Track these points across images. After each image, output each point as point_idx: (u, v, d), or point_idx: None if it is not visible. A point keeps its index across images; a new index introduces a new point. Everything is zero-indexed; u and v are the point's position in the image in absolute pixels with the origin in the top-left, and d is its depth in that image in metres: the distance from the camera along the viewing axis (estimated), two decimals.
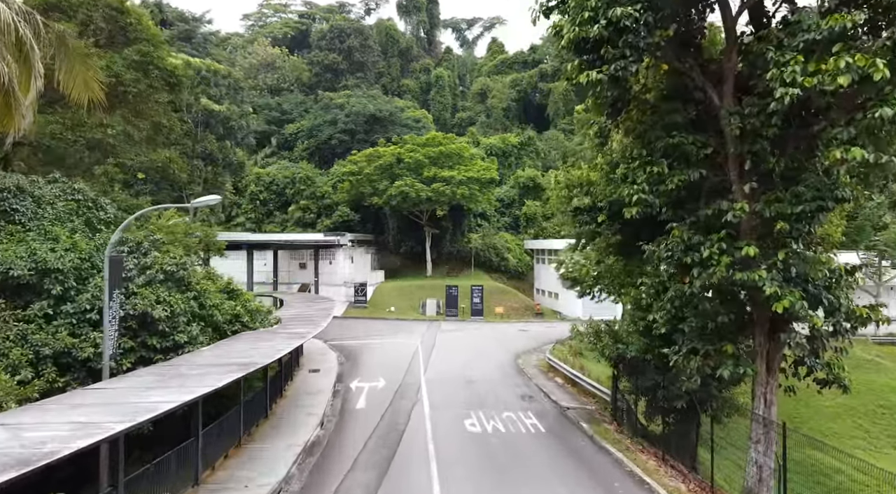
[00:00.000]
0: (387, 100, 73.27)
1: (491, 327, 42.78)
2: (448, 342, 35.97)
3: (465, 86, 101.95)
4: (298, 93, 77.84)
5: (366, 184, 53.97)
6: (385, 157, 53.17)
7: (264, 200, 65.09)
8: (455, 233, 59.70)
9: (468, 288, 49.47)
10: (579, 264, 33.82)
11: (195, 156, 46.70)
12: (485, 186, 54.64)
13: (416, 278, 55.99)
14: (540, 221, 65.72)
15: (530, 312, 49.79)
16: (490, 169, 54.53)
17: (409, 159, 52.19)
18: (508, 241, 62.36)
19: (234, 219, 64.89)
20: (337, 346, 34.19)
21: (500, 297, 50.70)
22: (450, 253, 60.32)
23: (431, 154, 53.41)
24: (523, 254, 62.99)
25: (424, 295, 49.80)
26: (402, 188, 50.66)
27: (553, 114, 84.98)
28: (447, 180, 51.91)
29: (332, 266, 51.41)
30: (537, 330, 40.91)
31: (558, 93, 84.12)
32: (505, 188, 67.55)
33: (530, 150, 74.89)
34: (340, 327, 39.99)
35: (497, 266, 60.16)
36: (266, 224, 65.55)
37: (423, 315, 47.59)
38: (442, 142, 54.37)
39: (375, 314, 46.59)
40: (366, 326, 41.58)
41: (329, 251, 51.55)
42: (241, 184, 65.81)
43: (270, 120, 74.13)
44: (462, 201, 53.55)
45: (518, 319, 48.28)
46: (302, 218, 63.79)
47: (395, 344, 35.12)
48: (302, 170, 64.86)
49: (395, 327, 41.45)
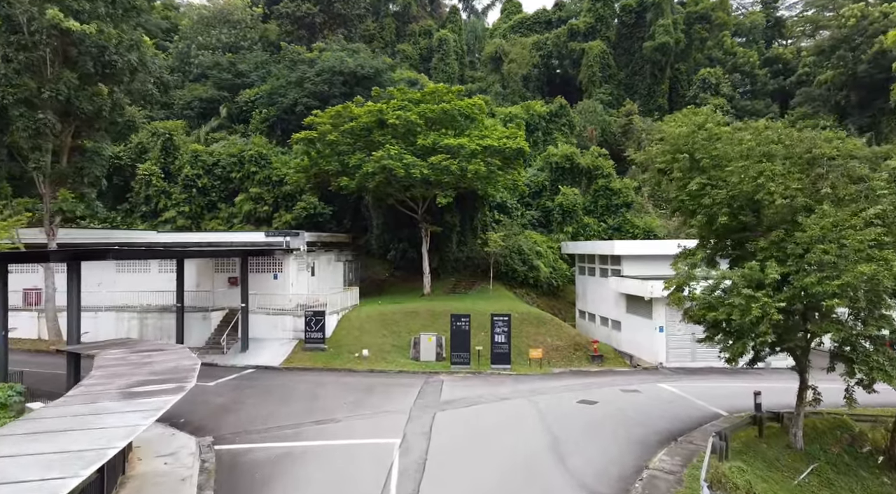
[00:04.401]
0: (372, 55, 55.47)
1: (528, 389, 25.05)
2: (454, 441, 18.31)
3: (474, 56, 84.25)
4: (261, 52, 60.22)
5: (330, 159, 36.36)
6: (360, 118, 35.55)
7: (204, 188, 47.64)
8: (465, 232, 42.03)
9: (485, 315, 31.89)
10: (729, 290, 16.26)
11: (44, 104, 29.20)
12: (509, 161, 36.93)
13: (408, 298, 38.36)
14: (580, 215, 47.89)
15: (582, 354, 32.02)
16: (517, 136, 36.79)
17: (397, 120, 34.58)
18: (538, 243, 44.67)
19: (163, 214, 47.53)
20: (223, 459, 16.57)
21: (535, 330, 32.94)
22: (457, 260, 42.68)
23: (430, 114, 35.79)
24: (559, 261, 45.28)
25: (418, 325, 32.21)
26: (384, 162, 33.02)
27: (586, 82, 67.15)
28: (453, 151, 34.28)
29: (277, 281, 33.85)
30: (612, 399, 23.17)
31: (594, 54, 66.37)
32: (531, 171, 49.89)
33: (562, 123, 57.14)
34: (259, 396, 22.56)
35: (524, 278, 42.48)
36: (207, 220, 48.11)
37: (414, 360, 29.98)
38: (445, 97, 36.75)
39: (336, 362, 28.96)
40: (311, 393, 23.91)
41: (272, 260, 33.99)
42: (174, 167, 48.40)
43: (221, 84, 56.56)
44: (475, 183, 35.87)
45: (566, 365, 30.55)
46: (253, 211, 46.36)
47: (351, 451, 17.48)
48: (253, 146, 47.32)
49: (361, 395, 23.78)
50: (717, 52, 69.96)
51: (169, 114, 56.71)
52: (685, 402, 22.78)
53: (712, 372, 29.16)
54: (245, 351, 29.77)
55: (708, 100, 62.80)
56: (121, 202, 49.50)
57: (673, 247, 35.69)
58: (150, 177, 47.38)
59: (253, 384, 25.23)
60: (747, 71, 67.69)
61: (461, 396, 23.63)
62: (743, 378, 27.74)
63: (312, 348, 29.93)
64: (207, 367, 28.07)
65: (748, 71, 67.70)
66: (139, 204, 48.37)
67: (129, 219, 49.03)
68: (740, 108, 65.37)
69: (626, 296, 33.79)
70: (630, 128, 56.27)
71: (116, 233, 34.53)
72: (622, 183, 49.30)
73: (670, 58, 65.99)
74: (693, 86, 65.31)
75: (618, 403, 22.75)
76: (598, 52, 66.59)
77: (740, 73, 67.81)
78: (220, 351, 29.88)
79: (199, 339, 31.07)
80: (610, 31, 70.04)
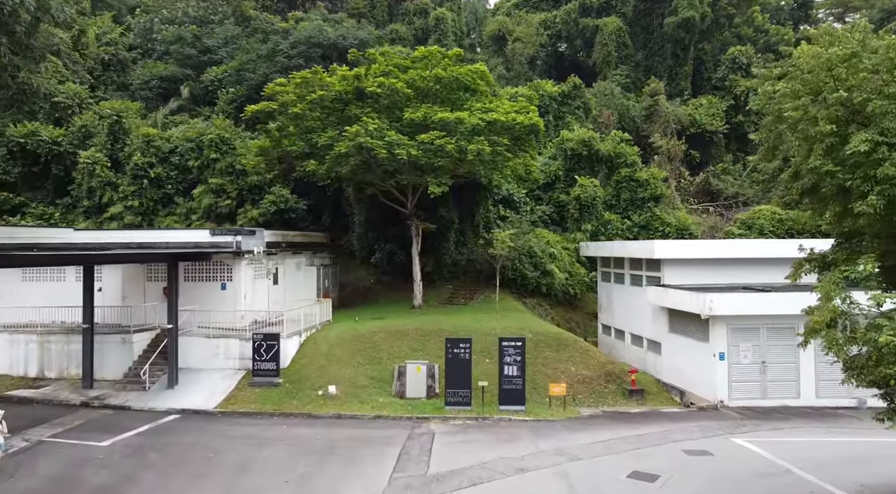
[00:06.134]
0: (356, 26, 48.09)
1: (553, 448, 17.72)
2: None
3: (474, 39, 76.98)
4: (233, 26, 52.87)
5: (295, 138, 29.03)
6: (333, 86, 28.27)
7: (158, 179, 40.40)
8: (464, 230, 34.81)
9: (490, 336, 24.75)
10: None
11: None
12: (520, 142, 29.64)
13: (395, 311, 31.15)
14: (600, 210, 40.61)
15: (616, 387, 24.69)
16: (529, 110, 29.45)
17: (379, 89, 27.30)
18: (552, 243, 37.40)
19: (108, 209, 40.30)
20: None
21: (555, 355, 25.64)
22: (455, 263, 35.44)
23: (421, 83, 28.50)
24: (575, 265, 38.00)
25: (404, 350, 24.93)
26: (361, 139, 25.68)
27: (601, 63, 59.77)
28: (449, 127, 27.01)
29: (225, 293, 26.55)
30: (677, 469, 15.75)
31: (609, 31, 59.07)
32: (542, 158, 42.59)
33: (576, 106, 49.85)
34: (165, 468, 15.30)
35: (535, 285, 35.18)
36: (161, 216, 40.89)
37: (397, 397, 22.70)
38: (442, 61, 29.48)
39: (292, 403, 21.61)
40: (241, 461, 16.51)
41: (221, 266, 26.71)
42: (122, 154, 41.15)
43: (185, 61, 49.27)
44: (477, 168, 28.59)
45: (596, 403, 23.31)
46: (214, 206, 39.08)
47: None
48: (215, 128, 40.07)
49: (314, 464, 16.37)
50: (747, 30, 62.62)
51: (126, 96, 49.45)
52: (790, 478, 15.48)
53: (792, 415, 21.97)
54: (173, 387, 22.49)
55: (738, 82, 55.65)
56: (62, 195, 42.29)
57: (744, 249, 27.28)
58: (94, 165, 40.13)
59: (166, 444, 17.93)
60: (781, 50, 60.24)
61: (458, 465, 16.33)
62: (839, 424, 20.51)
63: (263, 383, 22.61)
64: (115, 413, 20.84)
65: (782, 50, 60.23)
66: (81, 198, 41.15)
67: (71, 215, 41.79)
68: None
69: (669, 311, 26.54)
70: (655, 111, 48.98)
71: (19, 231, 27.30)
72: (649, 172, 42.01)
73: (694, 35, 58.65)
74: (721, 67, 58.06)
75: (689, 479, 15.43)
76: (613, 29, 59.25)
77: (773, 52, 60.39)
78: (140, 387, 22.61)
79: (117, 369, 23.82)
80: (626, 6, 62.68)
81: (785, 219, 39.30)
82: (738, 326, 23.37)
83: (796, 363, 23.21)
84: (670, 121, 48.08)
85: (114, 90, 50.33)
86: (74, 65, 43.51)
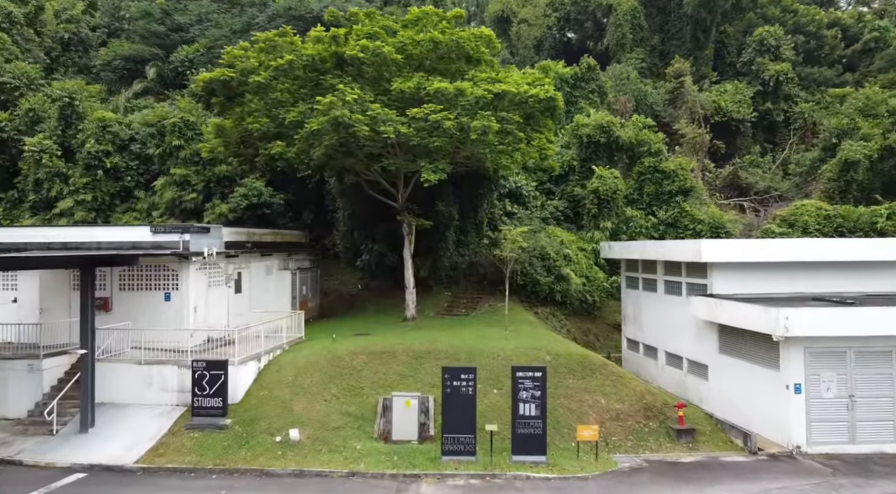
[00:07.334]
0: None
1: None
2: None
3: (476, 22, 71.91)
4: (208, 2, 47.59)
5: (258, 114, 23.75)
6: (306, 50, 23.10)
7: (115, 169, 35.36)
8: (466, 227, 29.69)
9: (499, 359, 19.73)
10: None
11: None
12: (533, 120, 24.44)
13: (384, 323, 26.00)
14: (621, 205, 35.44)
15: (658, 424, 19.51)
16: (544, 82, 24.19)
17: (362, 54, 22.11)
18: (566, 243, 32.24)
19: (57, 204, 35.19)
20: None
21: (581, 384, 20.44)
22: (455, 266, 30.31)
23: (413, 49, 23.31)
24: (593, 268, 32.88)
25: (392, 377, 19.76)
26: (337, 113, 20.47)
27: (614, 46, 54.58)
28: (448, 99, 21.82)
29: (170, 305, 21.37)
30: None
31: (623, 10, 53.88)
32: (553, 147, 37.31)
33: (590, 90, 44.66)
34: None
35: (549, 292, 30.03)
36: (119, 212, 35.82)
37: (381, 440, 17.54)
38: (440, 23, 24.29)
39: (241, 454, 16.42)
40: None
41: (163, 271, 21.54)
42: (75, 141, 35.99)
43: (152, 40, 44.07)
44: (482, 152, 23.33)
45: (635, 448, 18.20)
46: (177, 200, 33.96)
47: None
48: (179, 111, 34.94)
49: None
50: (774, 10, 57.44)
51: (89, 79, 44.25)
52: None
53: None
54: (87, 430, 17.27)
55: (767, 66, 50.56)
56: (7, 189, 37.18)
57: (830, 250, 20.96)
58: (41, 154, 35.00)
59: None
60: (812, 31, 55.26)
61: None
62: None
63: (204, 425, 17.40)
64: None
65: (813, 31, 55.26)
66: (28, 191, 36.03)
67: (17, 210, 36.70)
68: (804, 76, 53.03)
69: (720, 328, 21.36)
70: (680, 95, 43.74)
71: None
72: (676, 162, 36.84)
73: (716, 16, 53.57)
74: (747, 50, 52.85)
75: None
76: (628, 8, 54.03)
77: (803, 34, 55.36)
78: (45, 430, 17.41)
79: (21, 406, 18.61)
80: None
81: (833, 216, 34.19)
82: (818, 350, 18.20)
83: (894, 397, 18.10)
84: (697, 106, 42.89)
85: (75, 73, 45.20)
86: (28, 42, 38.33)
